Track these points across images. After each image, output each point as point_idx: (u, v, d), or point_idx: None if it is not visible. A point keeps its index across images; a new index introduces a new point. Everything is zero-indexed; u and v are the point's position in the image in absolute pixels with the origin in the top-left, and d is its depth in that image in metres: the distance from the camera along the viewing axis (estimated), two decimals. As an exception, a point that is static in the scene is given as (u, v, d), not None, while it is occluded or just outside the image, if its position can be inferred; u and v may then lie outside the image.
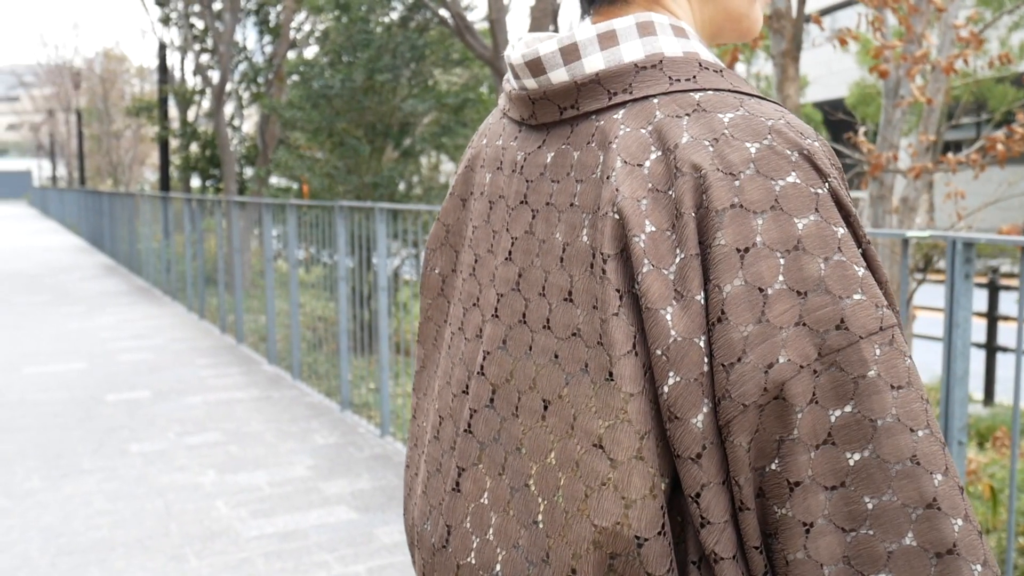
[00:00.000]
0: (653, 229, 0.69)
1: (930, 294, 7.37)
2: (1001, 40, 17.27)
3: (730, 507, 0.69)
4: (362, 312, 6.13)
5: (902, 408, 0.66)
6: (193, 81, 15.55)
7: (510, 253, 0.80)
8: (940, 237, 2.04)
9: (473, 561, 0.79)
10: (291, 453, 4.65)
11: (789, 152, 0.69)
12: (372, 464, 4.47)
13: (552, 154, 0.78)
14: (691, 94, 0.73)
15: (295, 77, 9.06)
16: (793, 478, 0.66)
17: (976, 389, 6.79)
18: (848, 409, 0.66)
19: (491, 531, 0.78)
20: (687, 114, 0.71)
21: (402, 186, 8.73)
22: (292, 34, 12.41)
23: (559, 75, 0.76)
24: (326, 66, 8.53)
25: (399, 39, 8.08)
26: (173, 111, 15.81)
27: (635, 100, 0.74)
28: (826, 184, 0.69)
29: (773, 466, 0.67)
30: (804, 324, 0.66)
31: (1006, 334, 7.46)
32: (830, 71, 21.42)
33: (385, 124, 8.33)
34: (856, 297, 0.67)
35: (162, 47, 14.41)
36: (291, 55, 12.24)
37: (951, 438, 2.02)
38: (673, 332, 0.68)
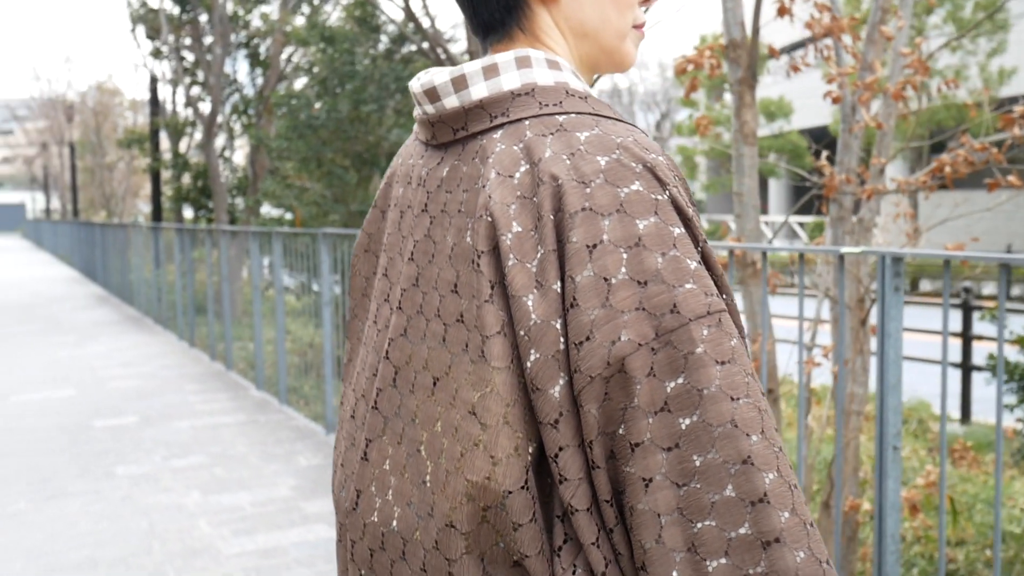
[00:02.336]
0: (520, 229, 0.82)
1: (924, 316, 7.51)
2: (980, 66, 17.58)
3: (584, 466, 0.81)
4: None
5: (725, 380, 0.78)
6: (184, 113, 15.74)
7: (412, 254, 0.93)
8: (872, 252, 2.17)
9: (375, 519, 0.90)
10: (275, 474, 4.73)
11: (634, 164, 0.82)
12: (353, 484, 4.55)
13: (447, 169, 0.91)
14: (556, 117, 0.86)
15: (283, 109, 9.22)
16: (634, 440, 0.78)
17: (953, 408, 6.90)
18: (680, 381, 0.77)
19: (390, 492, 0.90)
20: (551, 133, 0.85)
21: (389, 214, 8.85)
22: (281, 66, 12.61)
23: (451, 101, 0.90)
24: (313, 97, 8.70)
25: (384, 70, 8.26)
26: (165, 143, 15.98)
27: (511, 122, 0.87)
28: (666, 192, 0.82)
29: (620, 431, 0.78)
30: (643, 309, 0.78)
31: (980, 354, 7.57)
32: (815, 99, 21.68)
33: (372, 153, 8.49)
34: (688, 286, 0.79)
35: (153, 80, 14.61)
36: (282, 87, 12.43)
37: (885, 443, 2.13)
38: (534, 316, 0.80)
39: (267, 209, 13.15)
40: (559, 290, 0.80)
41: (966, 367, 6.80)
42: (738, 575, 0.76)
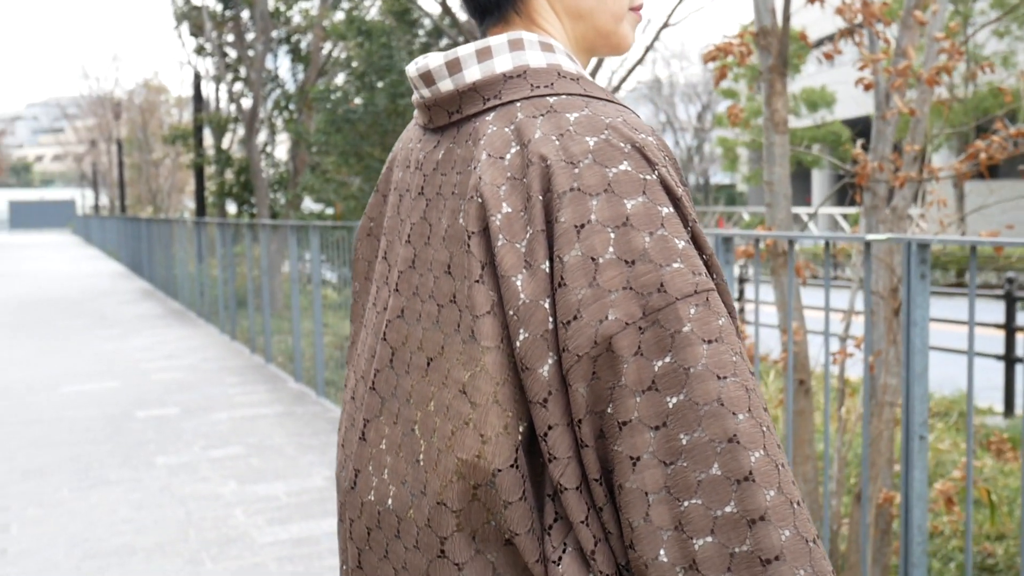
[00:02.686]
0: (509, 210, 0.82)
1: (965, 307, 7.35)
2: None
3: (574, 445, 0.81)
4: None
5: (711, 358, 0.77)
6: (227, 109, 15.96)
7: (409, 236, 0.94)
8: (897, 239, 2.13)
9: (372, 498, 0.92)
10: (310, 465, 4.80)
11: (623, 145, 0.82)
12: (387, 475, 4.59)
13: (442, 152, 0.92)
14: (547, 98, 0.86)
15: (322, 103, 9.30)
16: (622, 419, 0.78)
17: (997, 401, 6.76)
18: (667, 360, 0.77)
19: (386, 471, 0.91)
20: (542, 115, 0.85)
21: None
22: (321, 61, 12.72)
23: (446, 85, 0.90)
24: (351, 92, 8.77)
25: (420, 64, 8.28)
26: (209, 139, 16.23)
27: (503, 104, 0.87)
28: (655, 172, 0.82)
29: (608, 410, 0.79)
30: (631, 288, 0.78)
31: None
32: (858, 88, 21.29)
33: (408, 147, 8.53)
34: (675, 265, 0.79)
35: (197, 77, 14.82)
36: (322, 82, 12.55)
37: (912, 432, 2.10)
38: (522, 295, 0.80)
39: (308, 204, 13.29)
40: (548, 270, 0.80)
41: (1009, 359, 6.65)
42: (724, 553, 0.76)
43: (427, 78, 0.91)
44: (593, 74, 6.02)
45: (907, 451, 2.12)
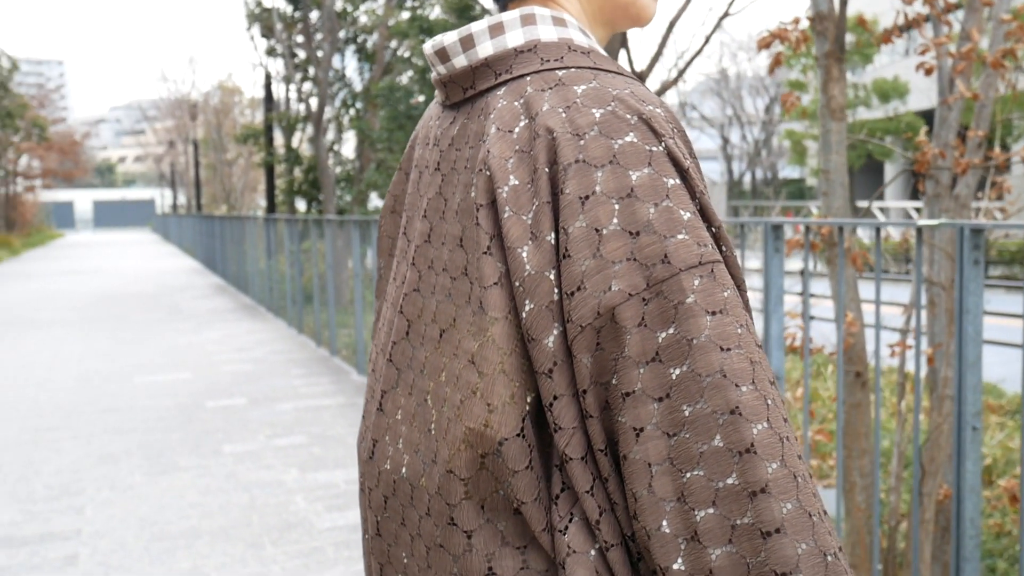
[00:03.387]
0: (516, 183, 0.83)
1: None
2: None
3: (579, 416, 0.81)
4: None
5: (715, 330, 0.77)
6: (297, 108, 16.29)
7: (425, 212, 0.96)
8: (949, 225, 2.08)
9: (388, 467, 0.94)
10: (370, 454, 4.88)
11: (629, 116, 0.82)
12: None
13: (457, 128, 0.94)
14: (556, 72, 0.87)
15: (385, 101, 9.43)
16: (626, 389, 0.78)
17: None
18: (671, 331, 0.77)
19: (401, 441, 0.93)
20: (550, 88, 0.86)
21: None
22: (386, 60, 12.89)
23: (460, 61, 0.92)
24: (413, 89, 8.87)
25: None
26: (279, 138, 16.59)
27: (513, 78, 0.89)
28: (662, 143, 0.82)
29: (613, 381, 0.79)
30: (635, 259, 0.78)
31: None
32: (931, 78, 20.65)
33: (470, 143, 8.60)
34: (680, 237, 0.79)
35: (268, 77, 15.15)
36: (387, 80, 12.71)
37: (964, 423, 2.05)
38: (528, 267, 0.81)
39: (376, 202, 13.47)
40: (553, 241, 0.81)
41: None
42: (725, 525, 0.76)
43: (442, 55, 0.93)
44: (652, 66, 5.98)
45: (959, 442, 2.07)
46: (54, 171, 49.45)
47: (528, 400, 0.83)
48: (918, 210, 20.74)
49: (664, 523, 0.78)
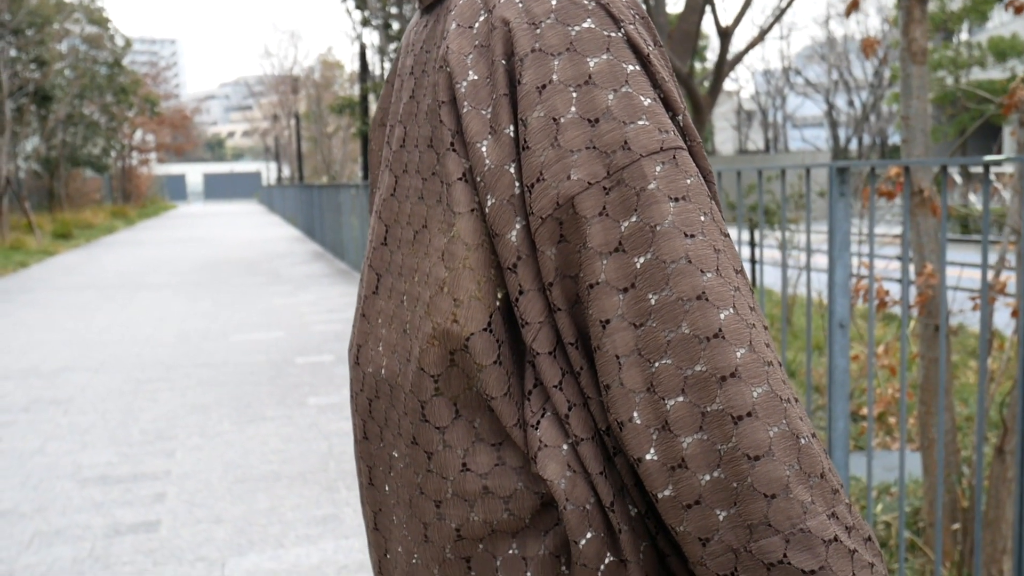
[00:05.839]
0: (475, 77, 0.83)
1: None
2: None
3: (546, 310, 0.81)
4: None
5: (679, 216, 0.76)
6: (391, 78, 16.46)
7: (400, 116, 0.97)
8: (1017, 160, 1.97)
9: (371, 370, 0.96)
10: (447, 409, 4.97)
11: (586, 2, 0.81)
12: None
13: (427, 30, 0.95)
14: None
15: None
16: (590, 281, 0.77)
17: None
18: (633, 219, 0.76)
19: (381, 344, 0.95)
20: None
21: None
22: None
23: None
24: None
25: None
26: (374, 108, 16.82)
27: None
28: (621, 29, 0.81)
29: (580, 273, 0.79)
30: (594, 147, 0.77)
31: None
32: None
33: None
34: (640, 123, 0.77)
35: (362, 48, 15.41)
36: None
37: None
38: (488, 161, 0.81)
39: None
40: (512, 134, 0.80)
41: None
42: (695, 412, 0.75)
43: None
44: (737, 21, 5.81)
45: (1026, 389, 1.98)
46: (167, 145, 51.54)
47: (499, 296, 0.83)
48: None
49: (635, 414, 0.77)
